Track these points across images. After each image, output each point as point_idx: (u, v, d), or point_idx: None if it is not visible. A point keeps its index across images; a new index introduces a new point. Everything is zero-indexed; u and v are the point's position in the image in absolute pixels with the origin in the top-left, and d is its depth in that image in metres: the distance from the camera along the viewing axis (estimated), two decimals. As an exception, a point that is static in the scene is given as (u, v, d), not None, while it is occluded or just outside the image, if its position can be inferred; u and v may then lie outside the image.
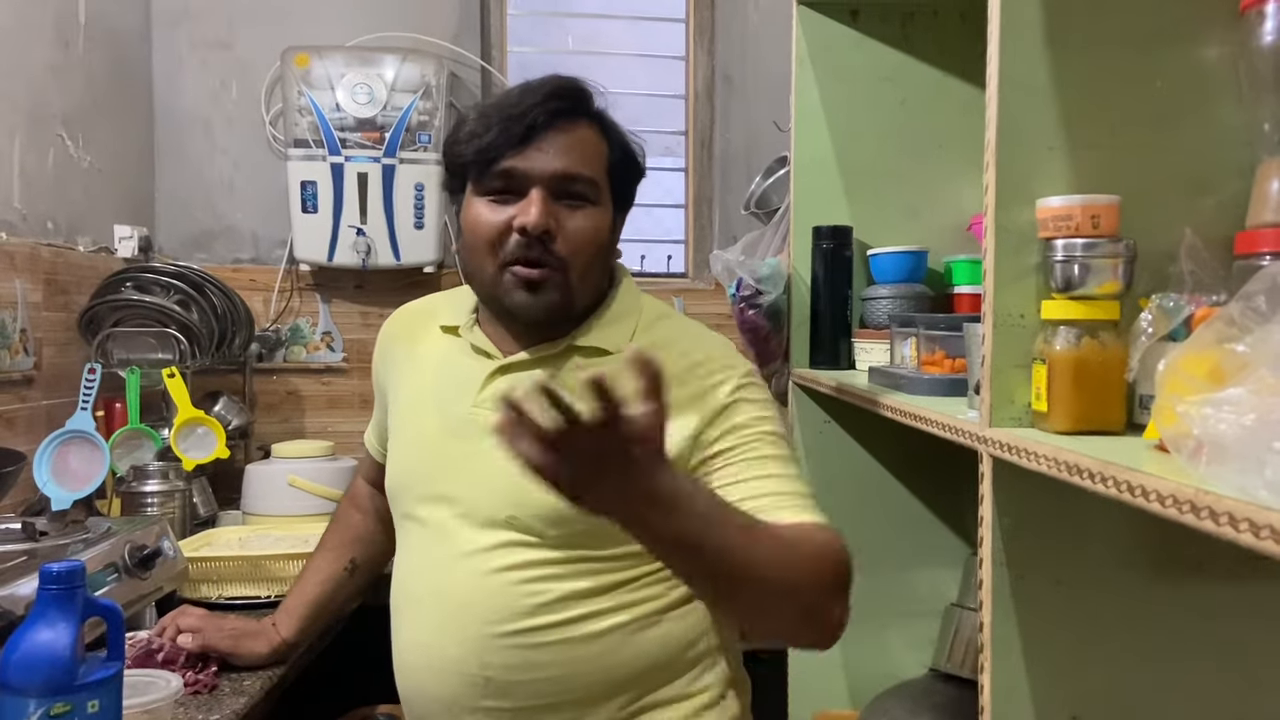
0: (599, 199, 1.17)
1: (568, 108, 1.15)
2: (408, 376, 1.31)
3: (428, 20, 2.65)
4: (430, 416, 1.24)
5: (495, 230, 1.14)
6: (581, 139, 1.16)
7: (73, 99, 2.20)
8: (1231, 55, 0.90)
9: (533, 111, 1.12)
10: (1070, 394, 0.88)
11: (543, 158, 1.13)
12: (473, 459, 1.16)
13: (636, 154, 1.24)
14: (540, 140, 1.13)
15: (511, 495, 1.12)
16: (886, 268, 1.76)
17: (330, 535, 1.48)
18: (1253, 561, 0.94)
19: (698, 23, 2.85)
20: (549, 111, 1.13)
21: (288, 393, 2.65)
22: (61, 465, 1.91)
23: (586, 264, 1.16)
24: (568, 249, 1.14)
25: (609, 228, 1.20)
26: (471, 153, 1.15)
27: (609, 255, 1.23)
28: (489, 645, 1.12)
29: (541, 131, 1.13)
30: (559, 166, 1.13)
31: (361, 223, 2.50)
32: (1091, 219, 0.89)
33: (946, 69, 1.78)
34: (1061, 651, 0.96)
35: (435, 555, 1.19)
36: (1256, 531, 0.56)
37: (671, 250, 2.89)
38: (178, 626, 1.36)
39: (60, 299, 2.12)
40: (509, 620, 1.11)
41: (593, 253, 1.17)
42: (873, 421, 1.43)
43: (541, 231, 1.12)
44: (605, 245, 1.19)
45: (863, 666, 1.80)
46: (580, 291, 1.17)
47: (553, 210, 1.13)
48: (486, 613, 1.12)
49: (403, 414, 1.30)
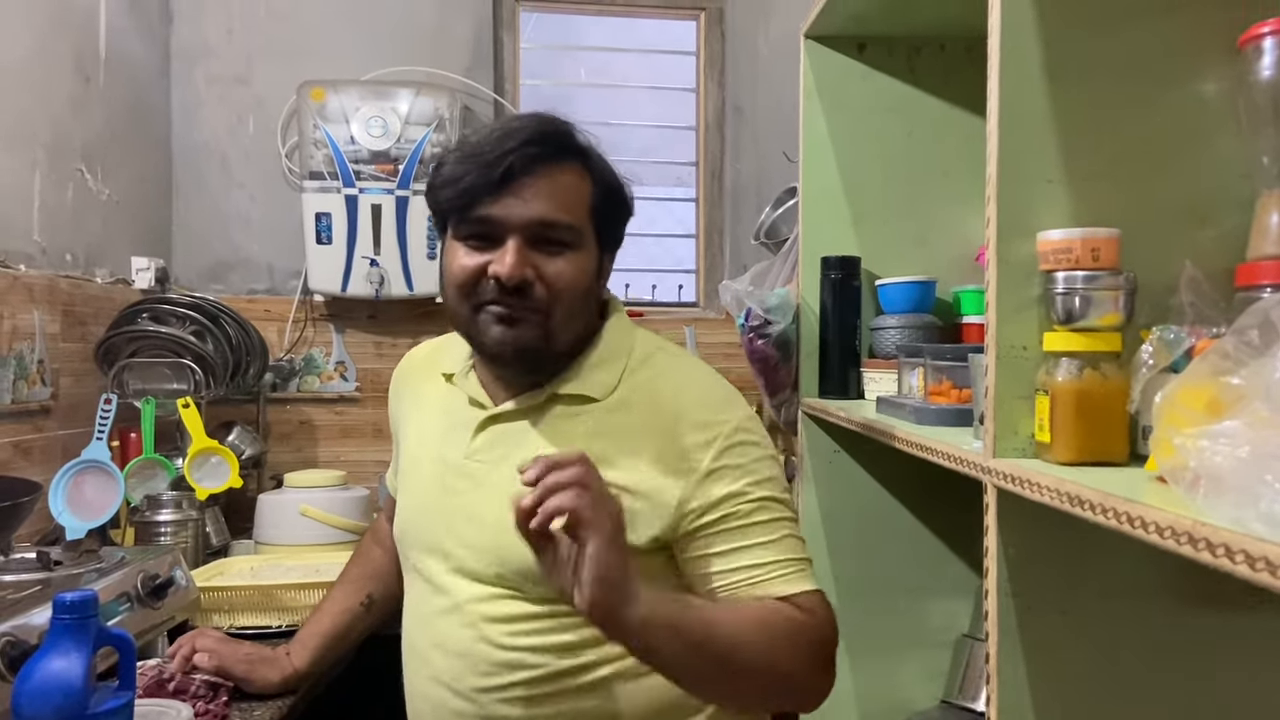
0: (580, 243, 1.14)
1: (548, 152, 1.12)
2: (414, 421, 1.32)
3: (441, 54, 2.69)
4: (429, 465, 1.25)
5: (471, 275, 1.12)
6: (561, 184, 1.12)
7: (92, 133, 2.24)
8: (1230, 89, 0.91)
9: (510, 157, 1.09)
10: (1073, 425, 0.89)
11: (520, 205, 1.10)
12: (464, 512, 1.17)
13: (623, 192, 1.20)
14: (518, 186, 1.10)
15: (497, 552, 1.12)
16: (895, 298, 1.77)
17: (350, 569, 1.49)
18: (1259, 592, 0.94)
19: (708, 55, 2.88)
20: (527, 157, 1.10)
21: (301, 422, 2.66)
22: (76, 495, 1.92)
23: (567, 309, 1.13)
24: (547, 295, 1.12)
25: (593, 270, 1.17)
26: (449, 198, 1.13)
27: (592, 298, 1.19)
28: (489, 697, 1.12)
29: (519, 177, 1.10)
30: (536, 214, 1.10)
31: (375, 253, 2.53)
32: (1092, 251, 0.90)
33: (952, 101, 1.80)
34: (1068, 682, 0.95)
35: (434, 606, 1.19)
36: (1252, 563, 0.56)
37: (683, 280, 2.91)
38: (194, 646, 1.37)
39: (77, 330, 2.14)
40: (502, 672, 1.11)
41: (573, 297, 1.14)
42: (882, 451, 1.43)
43: (517, 283, 1.10)
44: (587, 289, 1.16)
45: (874, 698, 1.79)
46: (560, 335, 1.15)
47: (530, 258, 1.11)
48: (482, 665, 1.12)
49: (408, 460, 1.31)
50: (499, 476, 1.15)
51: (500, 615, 1.13)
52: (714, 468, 1.11)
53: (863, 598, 1.78)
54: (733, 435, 1.13)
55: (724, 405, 1.16)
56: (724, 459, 1.11)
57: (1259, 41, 0.84)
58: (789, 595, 1.09)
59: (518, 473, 0.94)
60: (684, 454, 1.11)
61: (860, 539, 1.79)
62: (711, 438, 1.12)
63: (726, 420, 1.14)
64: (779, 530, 1.12)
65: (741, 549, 1.10)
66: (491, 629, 1.13)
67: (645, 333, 1.26)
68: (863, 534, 1.79)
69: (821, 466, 1.80)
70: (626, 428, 1.14)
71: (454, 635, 1.15)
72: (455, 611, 1.16)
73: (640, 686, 1.12)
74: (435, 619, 1.18)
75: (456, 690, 1.14)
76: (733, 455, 1.12)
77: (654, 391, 1.16)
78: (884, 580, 1.79)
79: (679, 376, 1.20)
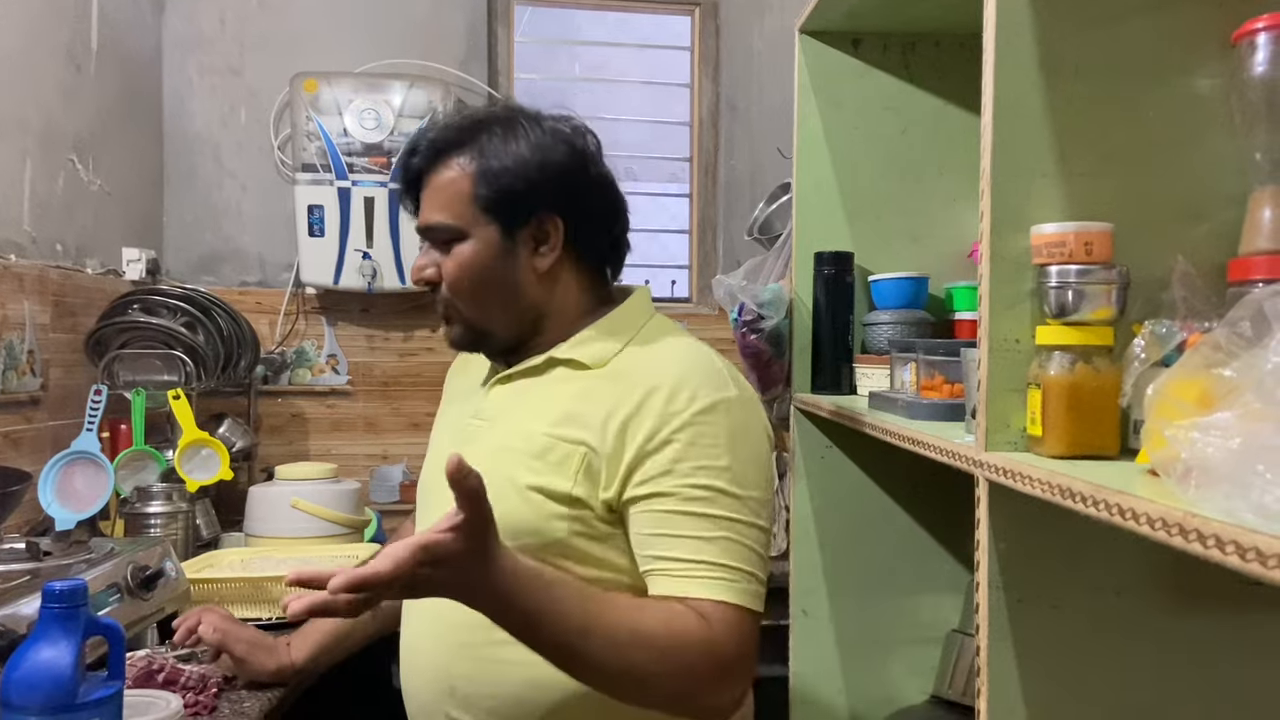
0: (467, 233, 1.19)
1: (425, 160, 1.22)
2: (448, 402, 1.40)
3: (435, 47, 2.68)
4: (445, 431, 1.33)
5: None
6: (437, 185, 1.20)
7: (83, 123, 2.23)
8: (1223, 85, 0.91)
9: (403, 172, 1.25)
10: (1065, 418, 0.89)
11: (419, 214, 1.23)
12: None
13: (527, 155, 1.18)
14: (416, 198, 1.24)
15: None
16: (887, 294, 1.77)
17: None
18: (1250, 584, 0.95)
19: (702, 51, 2.88)
20: (411, 171, 1.23)
21: (292, 415, 2.66)
22: (66, 486, 1.91)
23: (470, 294, 1.20)
24: (447, 287, 1.21)
25: (491, 254, 1.18)
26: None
27: (511, 275, 1.19)
28: (455, 654, 1.15)
29: (410, 191, 1.24)
30: (421, 222, 1.23)
31: (368, 246, 2.52)
32: (1085, 246, 0.90)
33: (947, 98, 1.80)
34: (1059, 676, 0.96)
35: None
36: (1243, 554, 0.56)
37: (675, 275, 2.91)
38: (199, 619, 1.39)
39: (68, 321, 2.13)
40: (469, 632, 1.10)
41: (472, 286, 1.20)
42: (874, 446, 1.43)
43: (424, 284, 1.22)
44: (489, 271, 1.19)
45: (863, 693, 1.80)
46: (489, 318, 1.22)
47: (435, 258, 1.21)
48: (456, 620, 1.09)
49: (434, 435, 1.37)
50: (494, 433, 1.20)
51: None
52: (668, 439, 1.08)
53: (853, 593, 1.79)
54: (703, 413, 1.10)
55: (708, 383, 1.13)
56: (679, 434, 1.08)
57: (1253, 37, 0.85)
58: (699, 598, 1.04)
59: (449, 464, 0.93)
60: (649, 419, 1.10)
61: (851, 534, 1.79)
62: (678, 409, 1.10)
63: (705, 397, 1.11)
64: (718, 528, 1.06)
65: (663, 537, 1.07)
66: None
67: (666, 319, 1.27)
68: (853, 529, 1.79)
69: (813, 462, 1.80)
70: (610, 393, 1.14)
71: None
72: None
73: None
74: None
75: (432, 644, 1.18)
76: (690, 431, 1.09)
77: (647, 364, 1.16)
78: (874, 575, 1.80)
79: (675, 354, 1.19)
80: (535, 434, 1.15)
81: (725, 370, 1.17)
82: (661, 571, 1.07)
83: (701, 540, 1.06)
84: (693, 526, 1.06)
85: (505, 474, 1.12)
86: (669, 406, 1.10)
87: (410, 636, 1.24)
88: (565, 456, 1.12)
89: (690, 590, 1.04)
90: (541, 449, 1.13)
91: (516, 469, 1.13)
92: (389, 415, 2.68)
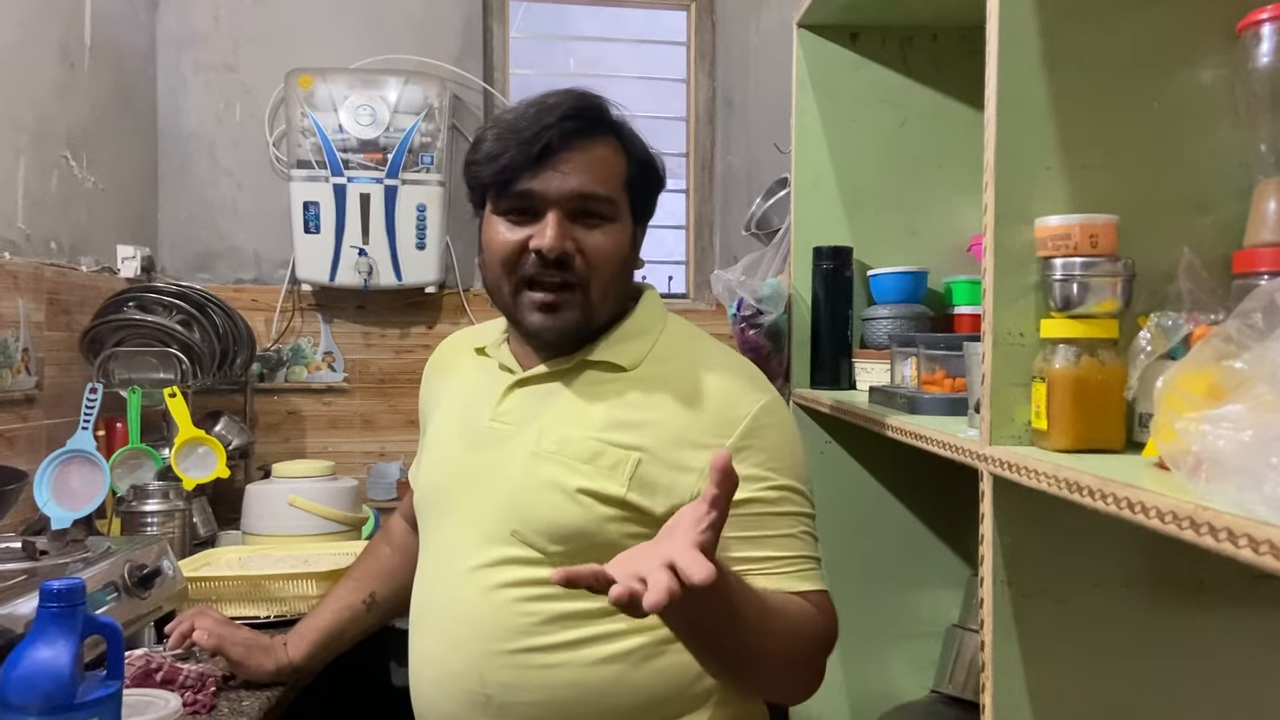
0: (617, 215, 1.17)
1: (584, 126, 1.15)
2: (443, 403, 1.32)
3: (430, 43, 2.67)
4: (455, 432, 1.26)
5: (513, 250, 1.15)
6: (598, 157, 1.15)
7: (77, 120, 2.22)
8: (1228, 77, 0.90)
9: (548, 133, 1.12)
10: (1070, 412, 0.88)
11: (559, 179, 1.13)
12: (486, 472, 1.17)
13: (655, 165, 1.24)
14: (556, 161, 1.13)
15: (516, 509, 1.13)
16: (886, 288, 1.76)
17: (357, 566, 1.48)
18: (1255, 579, 0.94)
19: (699, 46, 2.87)
20: (564, 132, 1.13)
21: (288, 413, 2.65)
22: (62, 485, 1.90)
23: (606, 281, 1.16)
24: (587, 267, 1.14)
25: (629, 243, 1.20)
26: (489, 174, 1.15)
27: (629, 270, 1.22)
28: (490, 663, 1.11)
29: (557, 152, 1.13)
30: (575, 187, 1.13)
31: (364, 243, 2.51)
32: (1090, 238, 0.90)
33: (945, 91, 1.79)
34: (1063, 671, 0.95)
35: (446, 568, 1.19)
36: (1256, 547, 0.56)
37: (672, 271, 2.90)
38: (193, 624, 1.37)
39: (63, 319, 2.12)
40: (508, 638, 1.10)
41: (613, 270, 1.17)
42: (873, 441, 1.43)
43: (558, 255, 1.12)
44: (625, 261, 1.19)
45: (864, 688, 1.79)
46: (600, 309, 1.17)
47: (570, 231, 1.13)
48: (487, 629, 1.12)
49: (433, 435, 1.31)
50: (524, 436, 1.16)
51: (511, 580, 1.12)
52: (741, 445, 1.11)
53: (853, 588, 1.78)
54: (760, 416, 1.13)
55: (752, 385, 1.17)
56: (750, 439, 1.12)
57: (1257, 28, 0.84)
58: (802, 592, 1.10)
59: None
60: (709, 428, 1.12)
61: (850, 530, 1.78)
62: (739, 415, 1.12)
63: (755, 400, 1.14)
64: (798, 525, 1.13)
65: (761, 538, 1.10)
66: (501, 592, 1.12)
67: (681, 319, 1.28)
68: (853, 525, 1.78)
69: (812, 457, 1.77)
70: (652, 397, 1.15)
71: (462, 597, 1.15)
72: (466, 573, 1.15)
73: (651, 667, 1.12)
74: (445, 581, 1.18)
75: (461, 654, 1.13)
76: (759, 436, 1.12)
77: (683, 366, 1.17)
78: (874, 570, 1.79)
79: (708, 355, 1.21)
80: (581, 438, 1.13)
81: (754, 367, 1.22)
82: (761, 571, 1.09)
83: (788, 538, 1.11)
84: (779, 526, 1.11)
85: (548, 477, 1.12)
86: (730, 412, 1.13)
87: (429, 647, 1.19)
88: (618, 462, 1.11)
89: (789, 585, 1.09)
90: (591, 453, 1.12)
91: (562, 472, 1.11)
92: (386, 412, 2.67)
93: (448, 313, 2.68)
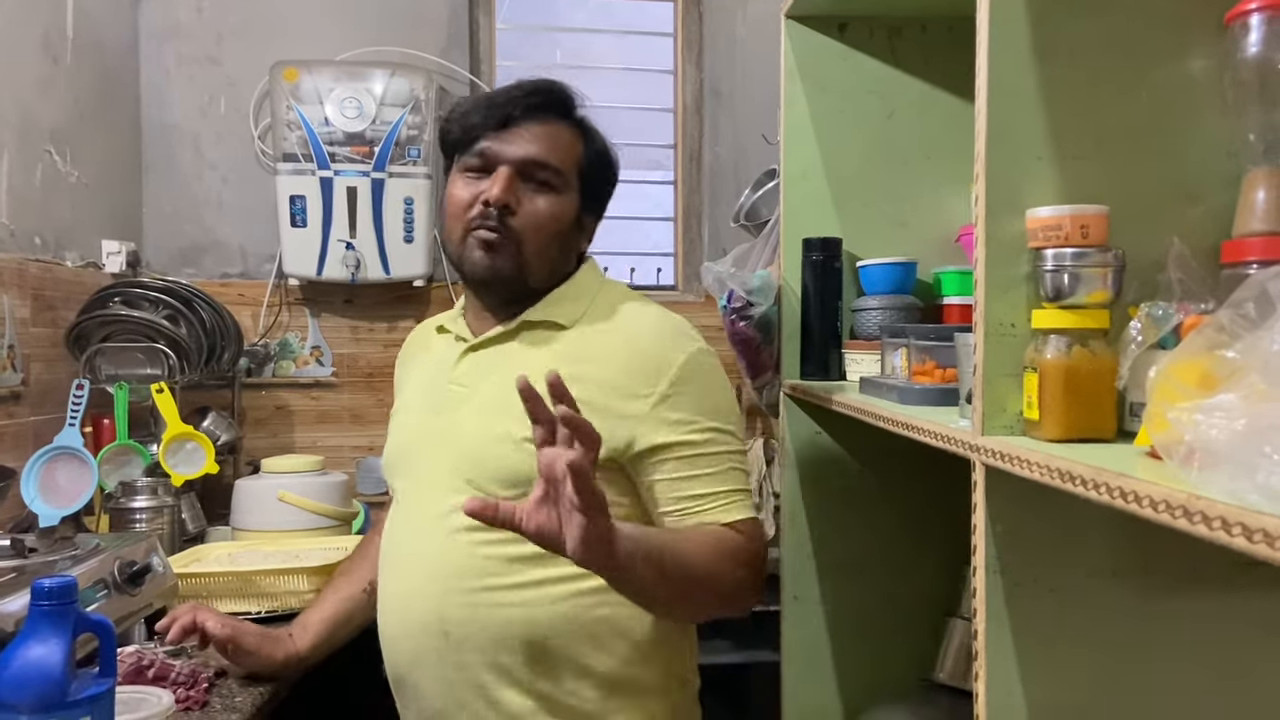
0: (564, 189, 1.28)
1: (548, 103, 1.28)
2: (410, 380, 1.43)
3: (416, 35, 2.65)
4: (419, 403, 1.37)
5: (465, 202, 1.26)
6: (555, 132, 1.28)
7: (61, 114, 2.20)
8: (1216, 66, 0.91)
9: (514, 102, 1.26)
10: (1061, 402, 0.89)
11: (516, 142, 1.26)
12: (445, 431, 1.27)
13: (612, 160, 1.35)
14: (517, 127, 1.26)
15: (470, 460, 1.23)
16: (876, 279, 1.76)
17: (353, 558, 1.54)
18: (1247, 568, 0.95)
19: (686, 37, 2.87)
20: (529, 105, 1.27)
21: (277, 407, 2.64)
22: (49, 482, 1.90)
23: (541, 243, 1.26)
24: (522, 225, 1.25)
25: (570, 218, 1.29)
26: (456, 131, 1.29)
27: (569, 244, 1.32)
28: (448, 600, 1.20)
29: (519, 120, 1.26)
30: (527, 152, 1.25)
31: (351, 237, 2.50)
32: (1081, 229, 0.90)
33: (934, 82, 1.79)
34: (1056, 660, 0.96)
35: (410, 520, 1.29)
36: (1249, 536, 0.56)
37: (661, 263, 2.90)
38: (195, 619, 1.35)
39: (48, 314, 2.11)
40: (466, 578, 1.20)
41: (548, 234, 1.27)
42: (863, 432, 1.43)
43: (501, 205, 1.23)
44: (563, 232, 1.29)
45: (856, 677, 1.80)
46: (534, 266, 1.27)
47: (516, 190, 1.24)
48: (447, 568, 1.21)
49: (400, 408, 1.43)
50: (477, 396, 1.27)
51: (468, 525, 1.17)
52: (670, 392, 1.21)
53: (844, 577, 1.79)
54: (686, 364, 1.23)
55: (680, 337, 1.27)
56: (679, 386, 1.22)
57: (1245, 18, 0.85)
58: (732, 522, 1.21)
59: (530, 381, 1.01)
60: (641, 378, 1.22)
61: (840, 519, 1.79)
62: (668, 365, 1.22)
63: (683, 350, 1.24)
64: (725, 462, 1.23)
65: (690, 478, 1.21)
66: (461, 535, 1.21)
67: (614, 281, 1.39)
68: (843, 515, 1.79)
69: (803, 448, 1.80)
70: (589, 350, 1.25)
71: (426, 543, 1.24)
72: (429, 521, 1.25)
73: (596, 612, 1.21)
74: (410, 532, 1.28)
75: (423, 594, 1.22)
76: (687, 384, 1.22)
77: (617, 323, 1.28)
78: (864, 559, 1.80)
79: (640, 313, 1.31)
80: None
81: (683, 320, 1.32)
82: (696, 509, 1.21)
83: (716, 475, 1.22)
84: (710, 464, 1.22)
85: (499, 429, 1.21)
86: (658, 361, 1.23)
87: (395, 591, 1.28)
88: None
89: (725, 516, 1.21)
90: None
91: (510, 423, 1.18)
92: (374, 406, 2.66)
93: (436, 306, 2.66)
